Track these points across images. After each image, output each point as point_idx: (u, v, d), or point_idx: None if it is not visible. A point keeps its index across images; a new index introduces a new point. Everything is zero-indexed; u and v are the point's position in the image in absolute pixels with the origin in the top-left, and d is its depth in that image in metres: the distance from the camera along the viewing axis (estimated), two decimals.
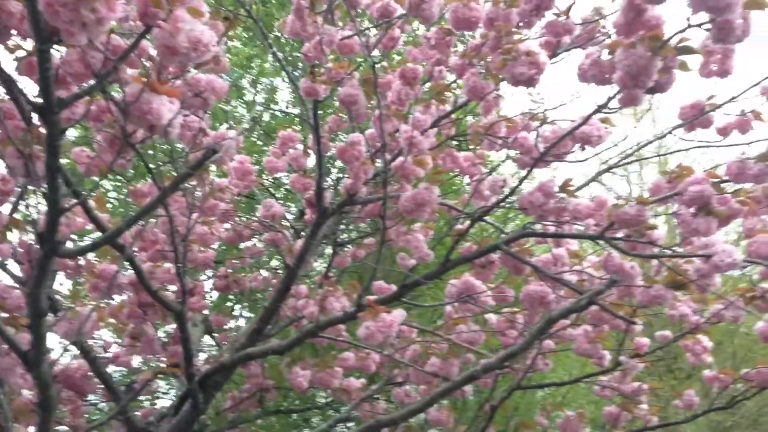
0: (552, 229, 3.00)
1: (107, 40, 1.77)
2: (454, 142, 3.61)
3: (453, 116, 3.52)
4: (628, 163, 3.20)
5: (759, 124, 2.91)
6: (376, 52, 3.32)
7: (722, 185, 2.33)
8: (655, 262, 2.77)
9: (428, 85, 3.29)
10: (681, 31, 1.95)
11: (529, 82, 2.28)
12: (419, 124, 2.90)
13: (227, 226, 3.83)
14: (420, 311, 5.51)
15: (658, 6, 1.98)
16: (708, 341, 3.35)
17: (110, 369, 4.19)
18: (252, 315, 5.86)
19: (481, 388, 4.07)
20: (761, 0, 1.78)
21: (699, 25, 1.86)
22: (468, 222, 3.13)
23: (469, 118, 4.62)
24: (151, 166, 2.67)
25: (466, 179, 4.08)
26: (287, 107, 6.33)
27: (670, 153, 6.59)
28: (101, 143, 2.26)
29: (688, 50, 2.00)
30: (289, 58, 5.40)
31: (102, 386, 3.14)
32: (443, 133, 3.52)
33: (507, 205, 3.23)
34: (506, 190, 3.10)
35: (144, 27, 1.66)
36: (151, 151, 3.92)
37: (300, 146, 3.78)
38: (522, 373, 3.40)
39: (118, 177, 5.09)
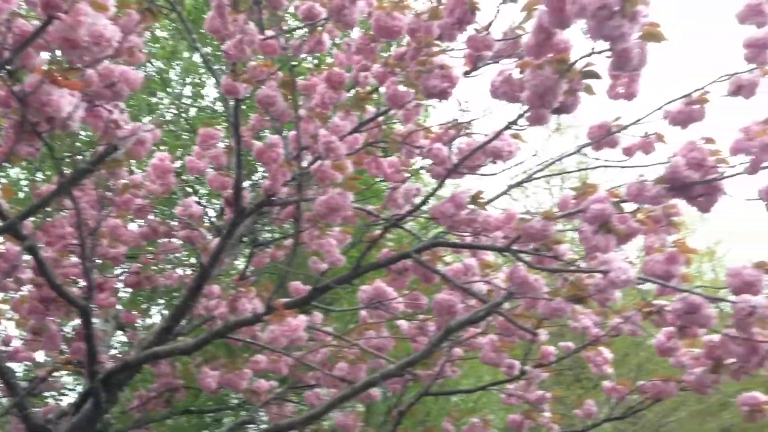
0: (469, 239, 3.06)
1: (9, 26, 1.72)
2: (380, 148, 3.62)
3: (381, 120, 3.53)
4: (539, 178, 3.29)
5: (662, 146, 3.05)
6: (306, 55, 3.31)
7: (622, 205, 2.43)
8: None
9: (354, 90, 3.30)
10: (586, 56, 2.03)
11: (442, 95, 2.32)
12: (338, 129, 2.91)
13: (141, 222, 3.75)
14: (338, 315, 5.51)
15: (567, 30, 2.05)
16: (609, 353, 3.48)
17: (17, 364, 4.04)
18: (168, 312, 5.73)
19: (392, 394, 4.11)
20: (657, 33, 1.87)
21: (600, 52, 1.94)
22: (382, 229, 3.16)
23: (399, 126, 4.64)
24: (66, 155, 2.59)
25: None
26: (214, 104, 6.22)
27: (591, 168, 6.83)
28: (8, 130, 2.19)
29: (593, 74, 2.09)
30: (217, 53, 5.31)
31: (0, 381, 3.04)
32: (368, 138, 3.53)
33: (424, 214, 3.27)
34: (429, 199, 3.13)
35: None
36: (68, 140, 3.80)
37: (221, 144, 3.72)
38: (430, 379, 3.45)
39: (31, 165, 4.90)
